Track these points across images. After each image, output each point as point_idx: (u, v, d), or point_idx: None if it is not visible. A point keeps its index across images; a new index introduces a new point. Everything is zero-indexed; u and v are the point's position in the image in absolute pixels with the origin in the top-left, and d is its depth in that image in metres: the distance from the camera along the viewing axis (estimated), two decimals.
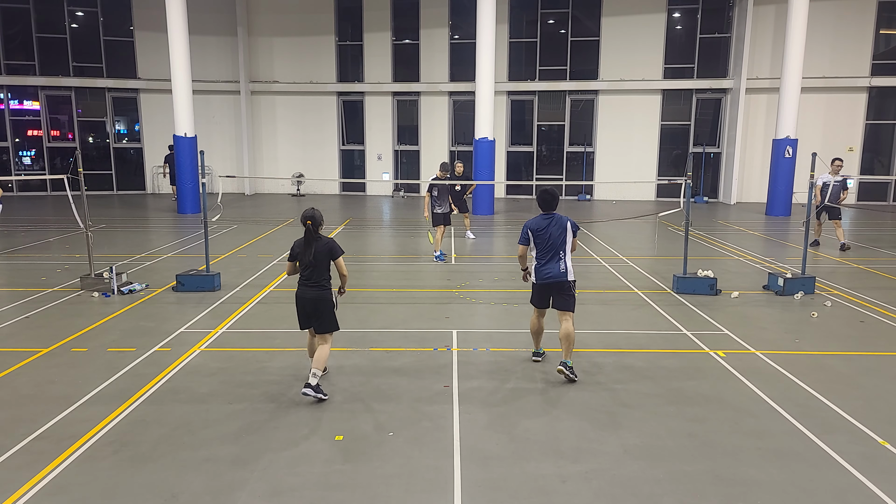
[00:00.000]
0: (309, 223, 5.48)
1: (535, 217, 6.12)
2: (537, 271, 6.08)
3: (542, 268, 6.04)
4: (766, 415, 5.26)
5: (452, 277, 10.29)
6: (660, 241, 13.94)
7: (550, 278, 6.00)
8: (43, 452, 4.56)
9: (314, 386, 5.41)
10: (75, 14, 23.78)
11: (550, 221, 6.01)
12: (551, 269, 5.99)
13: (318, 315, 5.56)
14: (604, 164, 23.28)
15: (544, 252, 6.01)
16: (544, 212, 6.08)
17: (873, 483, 4.22)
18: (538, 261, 6.07)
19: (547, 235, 5.96)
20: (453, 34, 23.45)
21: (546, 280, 6.03)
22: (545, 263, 6.02)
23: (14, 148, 24.27)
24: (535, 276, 6.11)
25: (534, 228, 6.03)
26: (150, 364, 6.32)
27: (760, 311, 8.44)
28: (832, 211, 12.75)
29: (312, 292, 5.52)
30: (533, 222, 6.07)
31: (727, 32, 22.22)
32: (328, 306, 5.57)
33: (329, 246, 5.54)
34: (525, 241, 6.12)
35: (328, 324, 5.58)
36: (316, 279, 5.52)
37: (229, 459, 4.50)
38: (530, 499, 4.06)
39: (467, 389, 5.75)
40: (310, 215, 5.50)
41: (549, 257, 6.00)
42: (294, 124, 24.53)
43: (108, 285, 9.05)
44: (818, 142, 20.78)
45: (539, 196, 6.12)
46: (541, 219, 6.06)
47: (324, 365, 5.50)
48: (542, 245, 6.00)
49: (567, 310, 6.06)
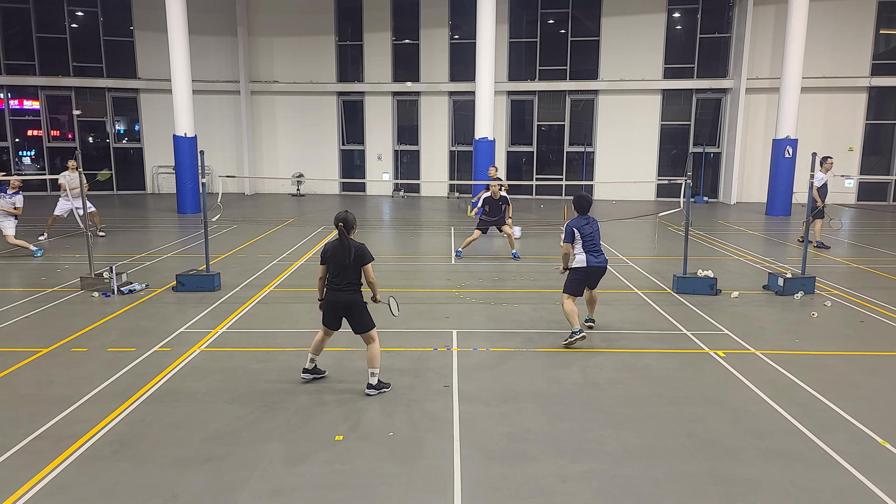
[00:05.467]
0: (341, 225, 5.38)
1: (576, 218, 7.08)
2: (590, 259, 6.99)
3: (593, 256, 7.02)
4: (766, 415, 5.26)
5: (452, 277, 10.29)
6: (660, 241, 13.94)
7: (600, 263, 7.04)
8: (43, 452, 4.56)
9: (375, 384, 5.60)
10: (75, 14, 23.79)
11: (589, 221, 7.08)
12: (600, 257, 7.05)
13: (353, 318, 5.56)
14: (604, 164, 23.28)
15: (591, 245, 7.02)
16: (581, 213, 7.09)
17: (873, 483, 4.22)
18: (588, 253, 7.00)
19: (591, 231, 7.03)
20: (453, 34, 23.45)
21: (597, 265, 7.02)
22: (594, 254, 7.03)
23: (14, 148, 24.28)
24: (587, 262, 6.98)
25: (579, 227, 6.98)
26: (150, 364, 6.32)
27: (760, 311, 8.44)
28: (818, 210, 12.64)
29: (346, 296, 5.48)
30: (576, 222, 7.02)
31: (727, 32, 22.22)
32: (361, 308, 5.54)
33: (361, 251, 5.46)
34: (570, 238, 6.99)
35: (366, 324, 5.59)
36: (348, 282, 5.46)
37: (229, 459, 4.50)
38: (530, 499, 4.06)
39: (467, 389, 5.75)
40: (342, 217, 5.40)
41: (595, 249, 7.04)
42: (294, 124, 24.53)
43: (108, 285, 9.05)
44: (818, 142, 20.79)
45: (576, 200, 7.14)
46: (581, 219, 7.06)
47: (378, 362, 5.60)
48: (589, 240, 7.01)
49: (596, 286, 7.38)
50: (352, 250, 5.38)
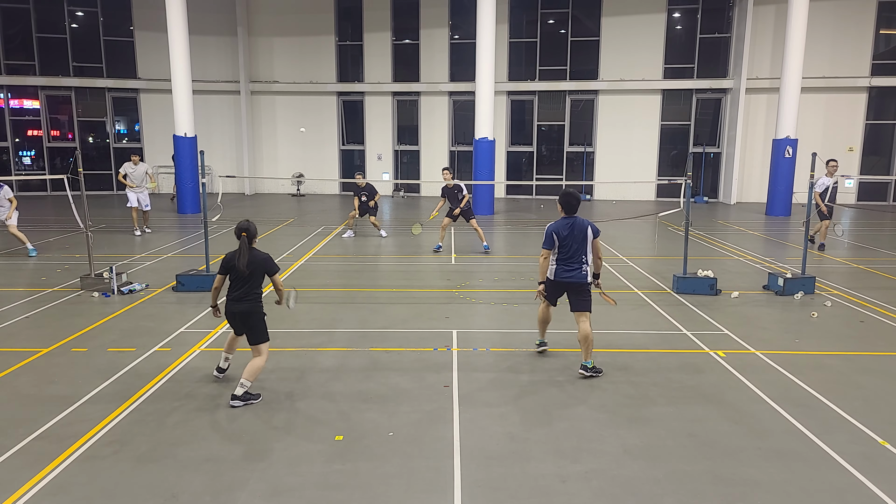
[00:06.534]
0: (244, 235, 5.38)
1: (558, 220, 6.09)
2: (556, 272, 6.08)
3: (561, 269, 6.05)
4: (766, 415, 5.26)
5: (452, 277, 10.29)
6: (660, 241, 13.94)
7: (569, 279, 6.03)
8: (43, 452, 4.56)
9: (241, 395, 5.34)
10: (75, 14, 23.80)
11: (573, 225, 6.00)
12: (573, 271, 6.01)
13: (250, 327, 5.48)
14: (604, 164, 23.29)
15: (566, 255, 6.01)
16: (567, 214, 6.06)
17: (873, 483, 4.22)
18: (559, 263, 6.06)
19: (570, 238, 5.96)
20: (453, 34, 23.46)
21: (565, 280, 6.05)
22: (567, 265, 6.03)
23: (14, 148, 24.28)
24: (554, 275, 6.10)
25: (559, 232, 6.00)
26: (150, 364, 6.32)
27: (760, 311, 8.44)
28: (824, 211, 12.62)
29: (243, 306, 5.44)
30: (557, 226, 6.05)
31: (727, 32, 22.23)
32: (259, 319, 5.49)
33: (266, 262, 5.48)
34: (550, 244, 6.05)
35: (260, 334, 5.49)
36: (247, 292, 5.43)
37: (229, 459, 4.50)
38: (530, 499, 4.06)
39: (467, 389, 5.75)
40: (245, 227, 5.41)
41: (570, 260, 6.01)
42: (294, 124, 24.53)
43: (108, 285, 9.05)
44: (818, 142, 20.81)
45: (562, 198, 6.06)
46: (563, 221, 6.05)
47: (254, 376, 5.40)
48: (566, 248, 5.99)
49: (584, 310, 6.07)
50: (255, 260, 5.39)
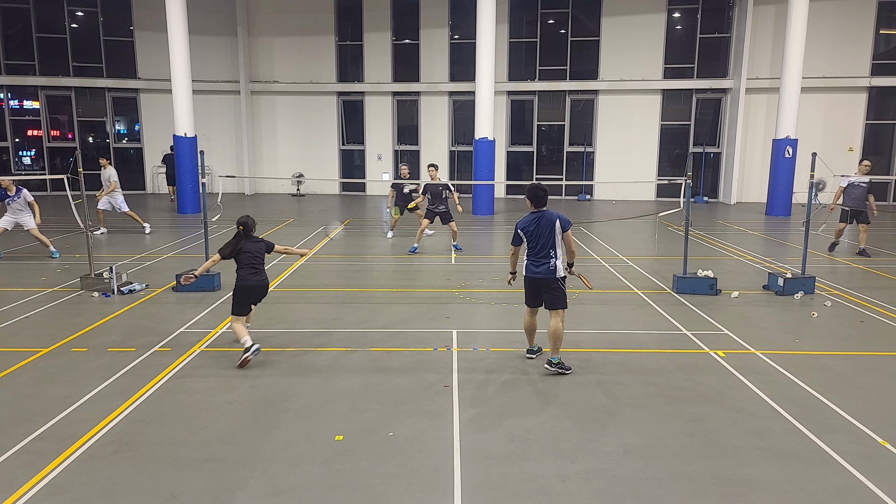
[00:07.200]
0: (241, 228, 6.51)
1: (525, 216, 6.13)
2: (526, 267, 6.14)
3: (530, 264, 6.10)
4: (766, 415, 5.26)
5: (452, 277, 10.29)
6: (660, 241, 13.94)
7: (537, 274, 6.04)
8: (43, 452, 4.56)
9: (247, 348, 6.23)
10: (75, 14, 23.80)
11: (540, 218, 6.00)
12: (539, 266, 6.02)
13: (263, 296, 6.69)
14: (604, 164, 23.29)
15: (534, 249, 6.04)
16: (535, 208, 6.07)
17: (873, 483, 4.22)
18: (528, 258, 6.11)
19: (537, 233, 5.98)
20: (453, 34, 23.46)
21: (533, 275, 6.07)
22: (534, 260, 6.05)
23: (14, 148, 24.28)
24: (524, 271, 6.17)
25: (524, 228, 6.05)
26: (150, 364, 6.32)
27: (760, 311, 8.44)
28: (860, 214, 12.33)
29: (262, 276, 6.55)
30: (523, 222, 6.09)
31: (727, 32, 22.23)
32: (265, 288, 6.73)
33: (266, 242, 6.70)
34: (518, 241, 6.16)
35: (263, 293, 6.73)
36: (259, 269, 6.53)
37: (229, 459, 4.50)
38: (530, 499, 4.06)
39: (467, 389, 5.75)
40: (243, 221, 6.52)
41: (538, 254, 6.02)
42: (294, 124, 24.54)
43: (108, 285, 9.05)
44: (818, 142, 20.80)
45: (529, 192, 6.07)
46: (530, 217, 6.07)
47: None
48: (533, 243, 6.02)
49: (557, 308, 6.08)
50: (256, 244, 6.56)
